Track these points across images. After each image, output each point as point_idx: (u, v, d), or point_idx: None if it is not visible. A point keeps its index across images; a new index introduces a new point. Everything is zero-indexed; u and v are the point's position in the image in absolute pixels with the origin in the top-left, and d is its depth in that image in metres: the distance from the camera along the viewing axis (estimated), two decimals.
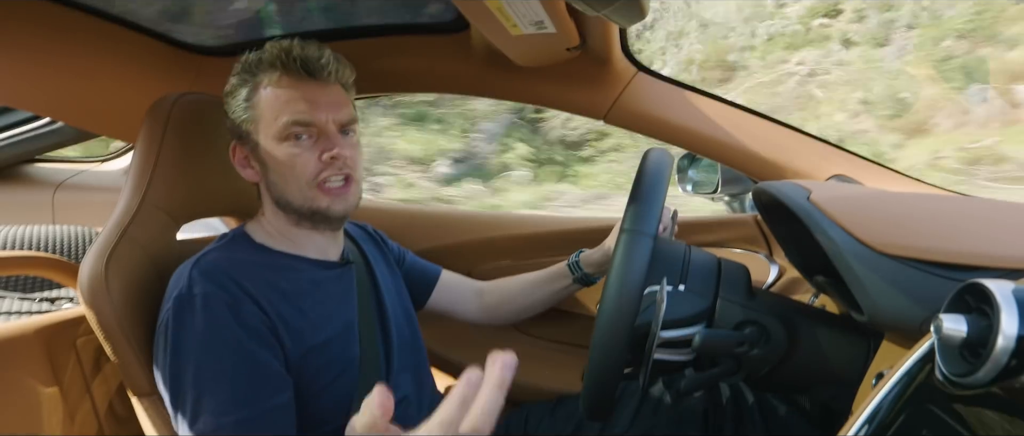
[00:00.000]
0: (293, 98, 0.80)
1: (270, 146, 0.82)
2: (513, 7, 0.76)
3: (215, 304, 0.74)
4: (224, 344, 0.74)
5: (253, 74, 0.82)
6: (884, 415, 0.51)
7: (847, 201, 0.70)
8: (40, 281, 1.34)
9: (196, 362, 0.73)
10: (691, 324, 0.74)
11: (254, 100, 0.82)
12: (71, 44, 0.98)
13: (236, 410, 0.72)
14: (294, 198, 0.83)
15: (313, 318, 0.82)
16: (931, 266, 0.60)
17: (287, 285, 0.82)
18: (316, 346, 0.81)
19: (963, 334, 0.44)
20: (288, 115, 0.80)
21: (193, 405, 0.72)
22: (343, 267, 0.92)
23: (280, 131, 0.80)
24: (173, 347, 0.73)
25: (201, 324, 0.73)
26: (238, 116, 0.83)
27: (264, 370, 0.76)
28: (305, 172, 0.81)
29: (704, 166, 1.38)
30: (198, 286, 0.75)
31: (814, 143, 1.10)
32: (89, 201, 1.72)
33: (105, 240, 0.81)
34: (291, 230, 0.87)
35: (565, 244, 1.39)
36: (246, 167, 0.86)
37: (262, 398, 0.74)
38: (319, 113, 0.81)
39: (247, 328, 0.75)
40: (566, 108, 1.18)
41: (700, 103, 1.11)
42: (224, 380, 0.73)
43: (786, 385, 0.84)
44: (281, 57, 0.81)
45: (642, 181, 0.74)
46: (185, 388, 0.72)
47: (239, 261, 0.80)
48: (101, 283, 0.77)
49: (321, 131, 0.82)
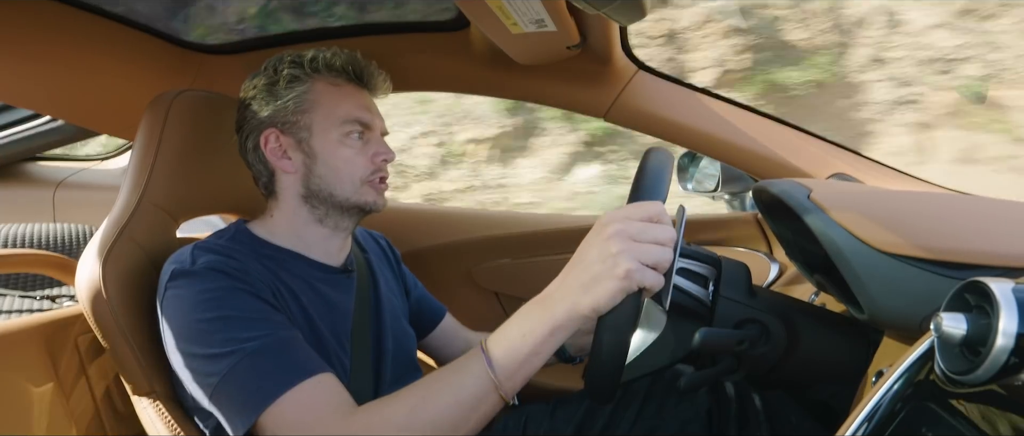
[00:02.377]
0: (354, 100, 0.87)
1: (326, 139, 0.85)
2: (514, 5, 0.76)
3: (221, 268, 0.75)
4: (237, 293, 0.74)
5: (315, 69, 0.86)
6: (884, 413, 0.51)
7: (847, 199, 0.70)
8: (41, 279, 1.34)
9: (211, 313, 0.72)
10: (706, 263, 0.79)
11: (311, 94, 0.85)
12: (72, 42, 0.98)
13: (271, 330, 0.72)
14: (342, 191, 0.86)
15: (310, 316, 0.82)
16: (931, 264, 0.60)
17: (288, 278, 0.83)
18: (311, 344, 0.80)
19: (963, 332, 0.44)
20: (353, 113, 0.86)
21: (223, 342, 0.70)
22: (343, 274, 0.92)
23: (341, 127, 0.85)
24: (186, 304, 0.73)
25: (212, 281, 0.74)
26: (285, 105, 0.85)
27: (284, 320, 0.76)
28: (359, 169, 0.86)
29: (705, 164, 1.38)
30: (201, 259, 0.76)
31: (814, 141, 1.10)
32: (89, 199, 1.73)
33: (103, 239, 0.81)
34: (307, 228, 0.88)
35: (565, 243, 1.39)
36: (281, 157, 0.87)
37: (284, 327, 0.75)
38: (373, 118, 0.89)
39: (255, 288, 0.76)
40: (567, 106, 1.18)
41: (701, 101, 1.11)
42: (246, 318, 0.72)
43: (786, 383, 0.84)
44: (350, 64, 0.88)
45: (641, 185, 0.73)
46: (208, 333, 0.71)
47: (238, 249, 0.81)
48: (98, 282, 0.77)
49: (374, 135, 0.89)
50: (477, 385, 0.64)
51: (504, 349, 0.64)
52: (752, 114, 1.11)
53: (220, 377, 0.70)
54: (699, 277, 0.79)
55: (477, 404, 0.65)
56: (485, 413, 0.65)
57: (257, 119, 0.86)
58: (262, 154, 0.86)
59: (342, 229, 0.91)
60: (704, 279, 0.79)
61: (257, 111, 0.86)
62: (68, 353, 0.89)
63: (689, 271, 0.79)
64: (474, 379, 0.64)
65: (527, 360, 0.63)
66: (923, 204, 0.75)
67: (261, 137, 0.86)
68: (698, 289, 0.78)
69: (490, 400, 0.64)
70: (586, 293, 0.60)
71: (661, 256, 0.58)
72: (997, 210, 0.73)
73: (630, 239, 0.59)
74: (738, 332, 0.75)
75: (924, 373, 0.51)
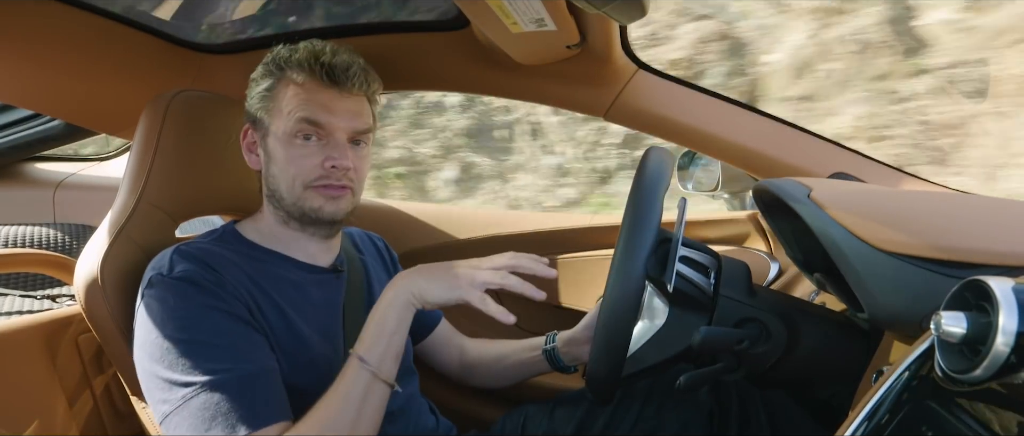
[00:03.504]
0: (311, 99, 0.82)
1: (278, 139, 0.83)
2: (513, 4, 0.76)
3: (196, 280, 0.75)
4: (209, 313, 0.74)
5: (281, 68, 0.84)
6: (884, 412, 0.51)
7: (847, 198, 0.70)
8: (41, 279, 1.34)
9: (179, 334, 0.72)
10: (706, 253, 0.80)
11: (274, 92, 0.84)
12: (71, 42, 0.98)
13: (235, 364, 0.72)
14: (286, 195, 0.84)
15: (290, 318, 0.81)
16: (931, 263, 0.60)
17: (265, 281, 0.82)
18: (292, 346, 0.80)
19: (963, 331, 0.44)
20: (301, 112, 0.82)
21: (186, 370, 0.70)
22: (332, 274, 0.91)
23: (291, 126, 0.82)
24: (156, 320, 0.73)
25: (184, 298, 0.73)
26: (255, 104, 0.86)
27: (253, 337, 0.76)
28: (303, 172, 0.82)
29: (705, 163, 1.38)
30: (178, 267, 0.76)
31: (815, 140, 1.10)
32: (89, 200, 1.72)
33: (101, 239, 0.81)
34: (281, 229, 0.88)
35: (565, 243, 1.39)
36: (251, 153, 0.88)
37: (258, 358, 0.75)
38: (333, 119, 0.82)
39: (229, 304, 0.75)
40: (566, 106, 1.18)
41: (700, 101, 1.11)
42: (214, 344, 0.72)
43: (786, 382, 0.84)
44: (309, 60, 0.83)
45: (641, 185, 0.73)
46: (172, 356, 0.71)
47: (217, 253, 0.81)
48: (97, 283, 0.77)
49: (330, 137, 0.83)
50: (358, 380, 0.74)
51: (367, 343, 0.75)
52: (752, 113, 1.11)
53: (173, 406, 0.70)
54: (700, 266, 0.78)
55: (366, 396, 0.74)
56: (377, 404, 0.75)
57: (244, 115, 0.88)
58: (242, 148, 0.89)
59: (311, 234, 0.88)
60: (705, 268, 0.79)
61: (246, 107, 0.88)
62: (68, 352, 0.89)
63: (691, 259, 0.78)
64: (354, 375, 0.74)
65: (389, 340, 0.76)
66: (923, 203, 0.75)
67: (242, 132, 0.88)
68: (700, 277, 0.77)
69: (375, 388, 0.74)
70: (423, 283, 0.76)
71: (494, 276, 0.75)
72: (997, 209, 0.73)
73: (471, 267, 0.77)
74: (738, 331, 0.75)
75: (924, 372, 0.51)
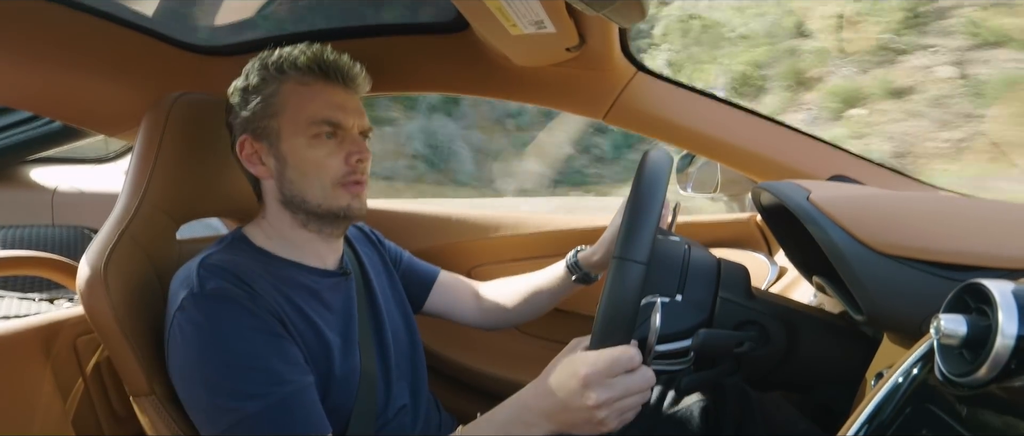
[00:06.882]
0: (325, 100, 0.83)
1: (294, 143, 0.82)
2: (513, 7, 0.76)
3: (232, 298, 0.74)
4: (248, 332, 0.73)
5: (281, 71, 0.83)
6: (884, 415, 0.51)
7: (847, 201, 0.70)
8: (40, 281, 1.34)
9: (221, 355, 0.72)
10: (687, 336, 0.74)
11: (279, 97, 0.82)
12: (71, 43, 0.98)
13: (273, 388, 0.72)
14: (313, 196, 0.83)
15: (313, 325, 0.82)
16: (930, 266, 0.60)
17: (290, 291, 0.82)
18: (321, 354, 0.81)
19: (963, 334, 0.44)
20: (321, 113, 0.82)
21: (228, 396, 0.71)
22: (341, 276, 0.91)
23: (308, 129, 0.81)
24: (193, 345, 0.73)
25: (219, 320, 0.73)
26: (255, 111, 0.83)
27: (291, 353, 0.76)
28: (330, 172, 0.83)
29: (704, 166, 1.38)
30: (210, 283, 0.75)
31: (814, 143, 1.10)
32: (89, 202, 1.72)
33: (104, 239, 0.81)
34: (294, 232, 0.87)
35: (565, 244, 1.39)
36: (256, 164, 0.85)
37: (295, 376, 0.75)
38: (347, 116, 0.84)
39: (265, 320, 0.75)
40: (566, 108, 1.18)
41: (700, 103, 1.11)
42: (253, 368, 0.72)
43: (786, 385, 0.84)
44: (317, 60, 0.83)
45: (639, 187, 0.73)
46: (213, 381, 0.71)
47: (243, 264, 0.80)
48: (100, 283, 0.77)
49: (346, 134, 0.84)
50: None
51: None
52: (751, 116, 1.11)
53: (214, 433, 0.72)
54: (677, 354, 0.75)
55: None
56: None
57: (234, 125, 0.86)
58: (240, 160, 0.86)
59: (328, 234, 0.89)
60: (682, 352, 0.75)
61: (235, 117, 0.85)
62: (66, 355, 0.89)
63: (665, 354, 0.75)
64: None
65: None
66: (922, 206, 0.75)
67: (237, 143, 0.85)
68: (676, 363, 0.76)
69: None
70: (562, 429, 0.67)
71: (638, 404, 0.65)
72: (996, 212, 0.73)
73: (609, 395, 0.63)
74: (737, 334, 0.75)
75: (924, 375, 0.51)
